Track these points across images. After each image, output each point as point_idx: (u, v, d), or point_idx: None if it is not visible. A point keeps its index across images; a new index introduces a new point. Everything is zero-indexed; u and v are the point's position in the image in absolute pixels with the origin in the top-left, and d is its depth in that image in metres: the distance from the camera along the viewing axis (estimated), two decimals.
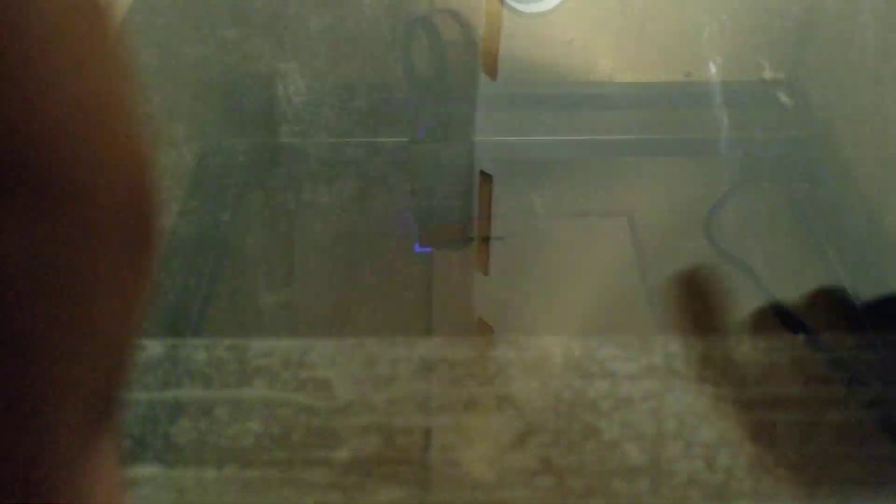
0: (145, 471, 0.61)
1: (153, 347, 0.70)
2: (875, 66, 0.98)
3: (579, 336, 0.89)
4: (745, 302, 0.99)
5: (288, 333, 0.83)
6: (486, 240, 1.03)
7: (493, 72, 1.11)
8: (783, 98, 1.13)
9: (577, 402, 0.65)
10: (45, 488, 0.19)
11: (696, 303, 0.85)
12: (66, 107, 0.17)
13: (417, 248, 1.01)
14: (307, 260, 0.99)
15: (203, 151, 1.05)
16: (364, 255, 1.02)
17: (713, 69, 1.15)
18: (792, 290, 0.98)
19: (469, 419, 0.65)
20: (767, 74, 1.15)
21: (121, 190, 0.18)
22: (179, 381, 0.68)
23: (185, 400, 0.67)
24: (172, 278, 0.86)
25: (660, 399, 0.65)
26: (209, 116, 1.09)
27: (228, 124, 1.10)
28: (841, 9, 1.06)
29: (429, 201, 1.00)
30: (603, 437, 0.63)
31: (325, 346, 0.68)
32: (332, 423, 0.64)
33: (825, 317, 0.89)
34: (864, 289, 0.97)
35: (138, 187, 0.19)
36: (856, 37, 1.02)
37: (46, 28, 0.16)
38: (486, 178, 1.02)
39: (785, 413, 0.66)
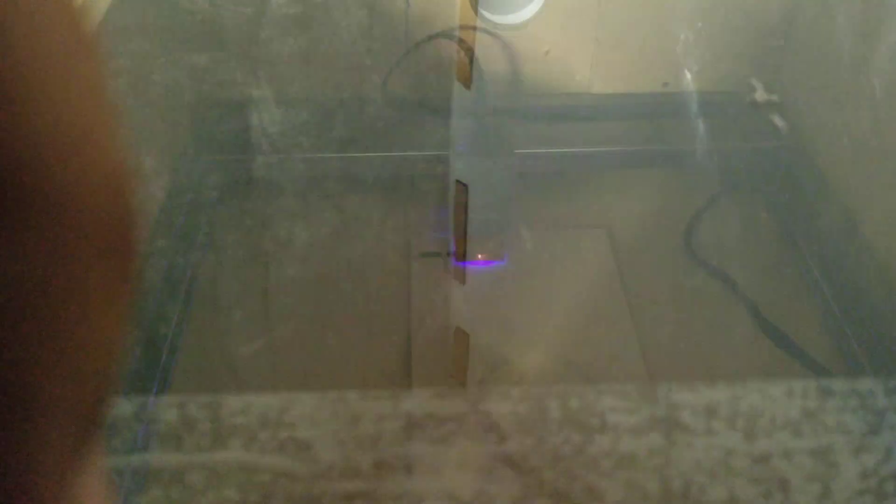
0: None
1: (118, 406, 0.65)
2: (849, 78, 0.97)
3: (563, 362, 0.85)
4: (725, 311, 0.97)
5: (262, 386, 0.79)
6: (467, 255, 1.00)
7: (467, 82, 1.08)
8: (778, 121, 1.11)
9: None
10: (35, 502, 0.19)
11: None
12: (48, 123, 0.17)
13: (453, 262, 0.99)
14: (282, 303, 0.95)
15: (173, 185, 1.00)
16: (344, 290, 0.98)
17: (689, 79, 1.12)
18: (771, 299, 0.97)
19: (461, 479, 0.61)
20: (760, 96, 1.12)
21: (103, 203, 0.18)
22: (147, 443, 0.63)
23: (153, 465, 0.62)
24: (139, 326, 0.81)
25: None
26: (179, 146, 1.05)
27: (200, 154, 1.05)
28: (816, 21, 1.05)
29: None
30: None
31: (303, 400, 0.63)
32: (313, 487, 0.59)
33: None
34: (843, 294, 0.95)
35: (120, 200, 0.19)
36: (831, 49, 1.00)
37: (26, 46, 0.16)
38: (463, 190, 0.99)
39: None
